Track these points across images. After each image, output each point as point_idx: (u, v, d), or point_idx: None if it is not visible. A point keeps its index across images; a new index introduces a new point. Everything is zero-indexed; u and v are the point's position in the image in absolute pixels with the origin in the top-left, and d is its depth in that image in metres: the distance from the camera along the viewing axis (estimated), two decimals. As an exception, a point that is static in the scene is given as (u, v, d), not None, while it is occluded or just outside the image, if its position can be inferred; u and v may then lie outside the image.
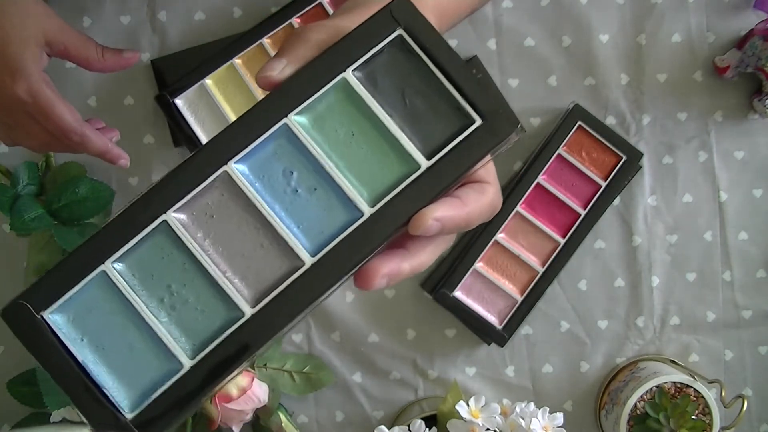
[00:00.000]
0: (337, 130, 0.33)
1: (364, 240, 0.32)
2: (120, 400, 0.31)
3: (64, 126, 0.53)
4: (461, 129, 0.33)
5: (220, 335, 0.31)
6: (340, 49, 0.33)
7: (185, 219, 0.32)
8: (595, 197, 0.69)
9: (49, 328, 0.32)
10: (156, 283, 0.32)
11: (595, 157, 0.69)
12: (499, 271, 0.69)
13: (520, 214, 0.69)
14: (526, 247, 0.69)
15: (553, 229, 0.69)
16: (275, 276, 0.32)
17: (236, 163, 0.32)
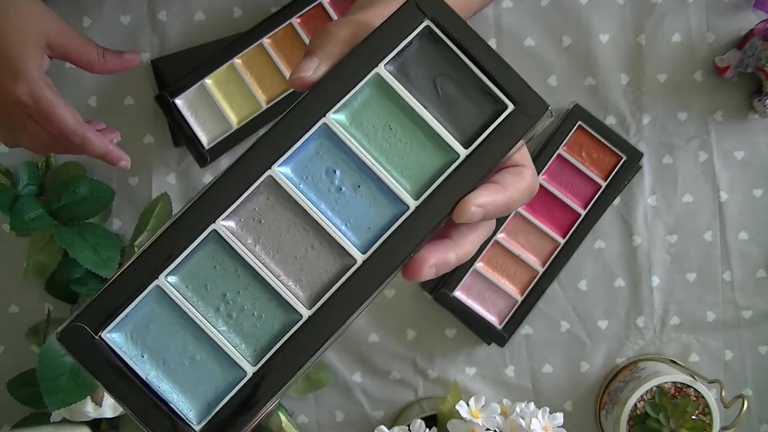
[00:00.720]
0: (375, 125, 0.34)
1: (412, 233, 0.33)
2: (187, 412, 0.31)
3: (65, 128, 0.53)
4: (495, 115, 0.34)
5: (279, 339, 0.32)
6: (369, 44, 0.33)
7: (234, 226, 0.32)
8: (595, 197, 0.69)
9: (108, 348, 0.31)
10: (211, 293, 0.32)
11: (595, 157, 0.69)
12: (499, 271, 0.69)
13: (520, 214, 0.69)
14: (526, 247, 0.69)
15: (553, 229, 0.69)
16: (329, 276, 0.33)
17: (279, 166, 0.32)
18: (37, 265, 0.66)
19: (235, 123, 0.68)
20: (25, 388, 0.67)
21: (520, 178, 0.35)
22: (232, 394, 0.31)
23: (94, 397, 0.62)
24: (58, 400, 0.60)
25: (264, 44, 0.68)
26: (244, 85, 0.68)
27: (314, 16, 0.68)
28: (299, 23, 0.68)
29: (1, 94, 0.52)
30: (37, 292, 0.69)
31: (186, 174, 0.71)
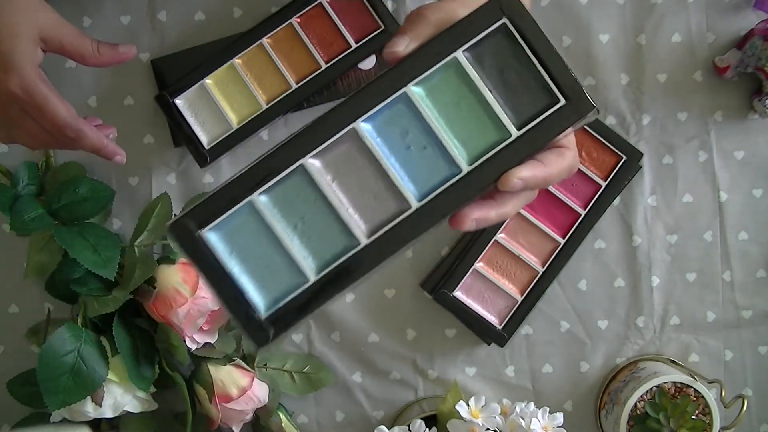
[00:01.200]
0: (447, 100, 0.40)
1: (460, 192, 0.39)
2: (257, 302, 0.39)
3: (59, 122, 0.53)
4: (548, 106, 0.40)
5: (339, 258, 0.39)
6: (454, 31, 0.40)
7: (318, 164, 0.39)
8: (595, 197, 0.69)
9: (204, 243, 0.38)
10: (292, 213, 0.39)
11: (595, 157, 0.69)
12: (500, 271, 0.69)
13: (520, 214, 0.69)
14: (526, 247, 0.69)
15: (553, 229, 0.69)
16: (387, 215, 0.39)
17: (363, 121, 0.39)
18: (37, 265, 0.66)
19: (235, 123, 0.68)
20: (25, 388, 0.67)
21: (561, 159, 0.40)
22: (293, 295, 0.39)
23: (94, 397, 0.62)
24: (58, 400, 0.60)
25: (264, 44, 0.68)
26: (244, 85, 0.68)
27: (314, 16, 0.68)
28: (299, 23, 0.68)
29: None
30: (37, 292, 0.69)
31: (186, 174, 0.71)
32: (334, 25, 0.68)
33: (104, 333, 0.64)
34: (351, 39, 0.68)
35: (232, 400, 0.64)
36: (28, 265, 0.66)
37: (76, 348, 0.61)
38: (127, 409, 0.64)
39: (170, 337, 0.63)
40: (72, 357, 0.61)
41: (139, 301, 0.65)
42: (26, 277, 0.66)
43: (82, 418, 0.63)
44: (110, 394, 0.62)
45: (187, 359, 0.64)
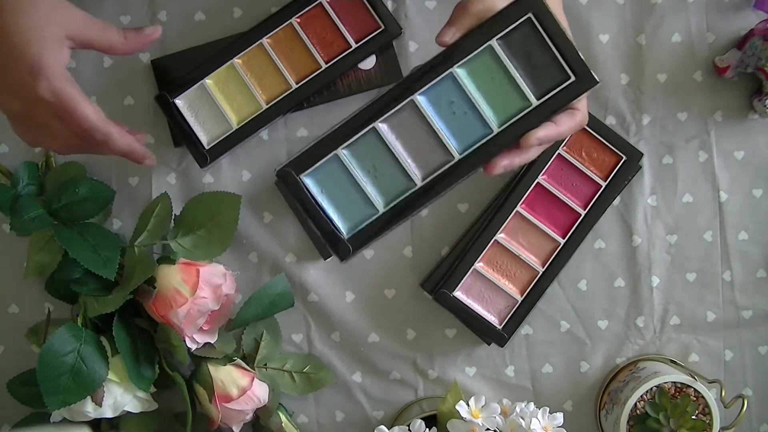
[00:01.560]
0: (483, 77, 0.53)
1: (492, 147, 0.53)
2: (341, 227, 0.54)
3: (88, 124, 0.52)
4: (561, 82, 0.52)
5: (401, 196, 0.54)
6: (489, 24, 0.52)
7: (386, 126, 0.53)
8: (595, 197, 0.69)
9: (303, 184, 0.53)
10: (366, 162, 0.54)
11: (595, 157, 0.69)
12: (499, 271, 0.69)
13: (520, 214, 0.69)
14: (526, 247, 0.69)
15: (553, 229, 0.69)
16: (436, 164, 0.54)
17: (419, 95, 0.53)
18: (37, 265, 0.66)
19: (235, 123, 0.68)
20: (25, 388, 0.67)
21: (571, 118, 0.53)
22: (367, 222, 0.54)
23: (94, 397, 0.62)
24: (58, 400, 0.60)
25: (264, 44, 0.68)
26: (244, 85, 0.68)
27: (314, 16, 0.68)
28: (299, 23, 0.68)
29: (23, 91, 0.51)
30: (37, 292, 0.69)
31: (186, 174, 0.71)
32: (334, 25, 0.68)
33: (104, 333, 0.64)
34: (351, 39, 0.68)
35: (232, 400, 0.64)
36: (28, 265, 0.66)
37: (76, 348, 0.61)
38: (127, 409, 0.64)
39: (170, 337, 0.63)
40: (72, 357, 0.61)
41: (139, 301, 0.65)
42: (26, 277, 0.66)
43: (82, 418, 0.63)
44: (110, 394, 0.62)
45: (187, 359, 0.64)
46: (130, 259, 0.66)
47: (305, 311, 0.71)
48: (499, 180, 0.71)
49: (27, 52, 0.50)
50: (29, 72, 0.50)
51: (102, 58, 0.70)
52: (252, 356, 0.69)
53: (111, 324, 0.63)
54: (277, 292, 0.69)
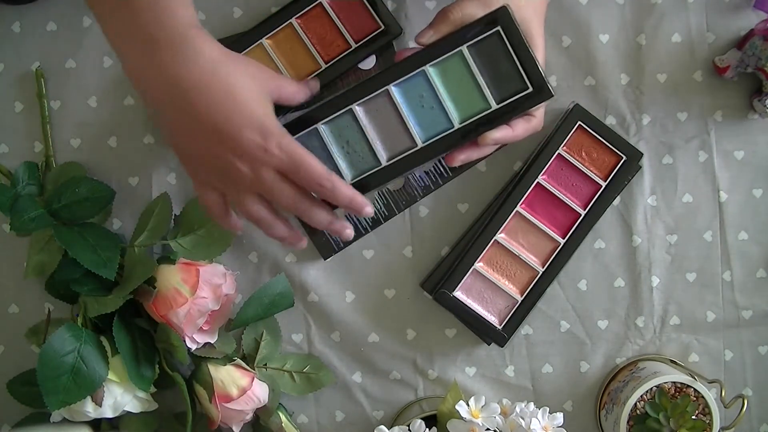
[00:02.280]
0: (451, 78, 0.58)
1: (452, 140, 0.59)
2: None
3: (316, 173, 0.52)
4: (519, 91, 0.58)
5: (367, 172, 0.59)
6: (462, 32, 0.58)
7: (361, 110, 0.59)
8: (595, 197, 0.69)
9: None
10: (341, 138, 0.59)
11: (595, 157, 0.69)
12: (499, 271, 0.69)
13: (520, 214, 0.69)
14: (526, 247, 0.69)
15: (553, 229, 0.69)
16: (401, 148, 0.59)
17: (394, 86, 0.58)
18: (37, 265, 0.66)
19: (235, 123, 0.67)
20: (25, 388, 0.67)
21: (527, 123, 0.59)
22: None
23: (94, 397, 0.62)
24: (58, 400, 0.60)
25: (264, 44, 0.68)
26: (244, 85, 0.67)
27: (314, 16, 0.68)
28: (299, 23, 0.68)
29: (255, 152, 0.51)
30: (37, 292, 0.69)
31: (186, 174, 0.70)
32: (334, 25, 0.68)
33: (104, 333, 0.64)
34: (351, 39, 0.68)
35: (232, 400, 0.64)
36: (28, 265, 0.66)
37: (76, 348, 0.61)
38: (127, 409, 0.64)
39: (170, 337, 0.63)
40: (72, 357, 0.61)
41: (139, 301, 0.65)
42: (26, 277, 0.66)
43: (82, 418, 0.63)
44: (110, 394, 0.63)
45: (187, 359, 0.64)
46: (130, 259, 0.66)
47: (305, 311, 0.71)
48: (499, 180, 0.71)
49: (255, 113, 0.51)
50: (259, 132, 0.51)
51: (102, 58, 0.70)
52: (252, 356, 0.69)
53: (111, 324, 0.63)
54: (277, 292, 0.69)
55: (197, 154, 0.53)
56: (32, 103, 0.70)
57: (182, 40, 0.50)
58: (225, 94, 0.50)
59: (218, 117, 0.50)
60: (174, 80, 0.50)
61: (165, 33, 0.50)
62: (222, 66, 0.51)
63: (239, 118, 0.51)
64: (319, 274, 0.71)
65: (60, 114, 0.70)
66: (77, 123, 0.70)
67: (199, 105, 0.50)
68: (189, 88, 0.50)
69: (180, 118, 0.51)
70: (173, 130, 0.53)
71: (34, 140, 0.70)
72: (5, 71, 0.70)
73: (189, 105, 0.50)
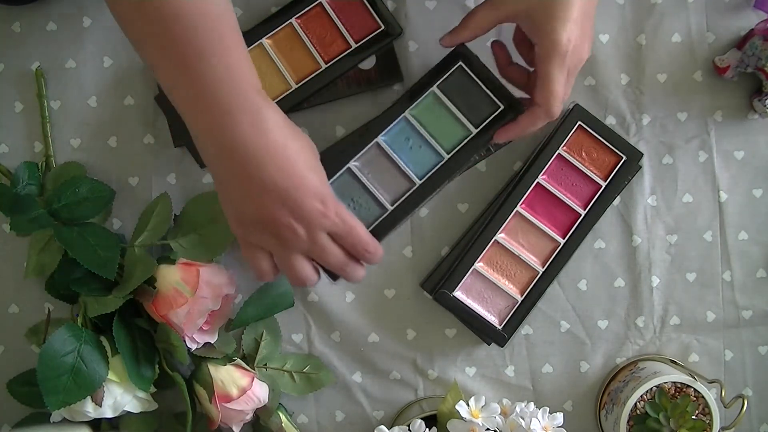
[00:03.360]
0: (430, 116, 0.65)
1: (445, 170, 0.65)
2: None
3: (363, 240, 0.57)
4: (493, 111, 0.65)
5: (377, 221, 0.64)
6: (430, 75, 0.66)
7: (358, 165, 0.64)
8: (595, 197, 0.69)
9: None
10: (346, 197, 0.64)
11: (595, 157, 0.69)
12: (499, 271, 0.69)
13: (520, 214, 0.69)
14: (526, 247, 0.69)
15: (553, 229, 0.69)
16: (401, 190, 0.65)
17: (381, 137, 0.65)
18: (37, 265, 0.66)
19: (235, 123, 0.67)
20: (25, 388, 0.67)
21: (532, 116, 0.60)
22: None
23: (94, 397, 0.62)
24: (58, 400, 0.60)
25: (264, 44, 0.68)
26: (244, 85, 0.67)
27: (314, 16, 0.68)
28: (299, 23, 0.68)
29: (314, 217, 0.54)
30: (37, 292, 0.69)
31: (186, 174, 0.71)
32: (334, 25, 0.68)
33: (104, 333, 0.64)
34: (351, 39, 0.68)
35: (232, 400, 0.64)
36: (28, 265, 0.66)
37: (76, 348, 0.61)
38: (127, 409, 0.64)
39: (170, 337, 0.63)
40: (72, 357, 0.61)
41: (139, 301, 0.65)
42: (26, 277, 0.66)
43: (82, 418, 0.63)
44: (110, 394, 0.63)
45: (187, 359, 0.64)
46: (130, 259, 0.66)
47: (305, 311, 0.71)
48: (499, 180, 0.71)
49: (314, 182, 0.54)
50: (320, 200, 0.54)
51: (102, 58, 0.70)
52: (252, 356, 0.69)
53: (111, 324, 0.63)
54: (277, 292, 0.69)
55: (256, 217, 0.55)
56: (32, 103, 0.70)
57: (256, 109, 0.53)
58: (293, 163, 0.54)
59: (287, 183, 0.53)
60: (246, 147, 0.52)
61: (239, 101, 0.52)
62: (290, 138, 0.54)
63: (305, 186, 0.54)
64: (319, 274, 0.71)
65: (60, 114, 0.70)
66: (77, 123, 0.70)
67: (270, 171, 0.53)
68: (262, 155, 0.53)
69: (246, 182, 0.53)
70: (233, 194, 0.55)
71: (34, 140, 0.70)
72: (5, 71, 0.70)
73: (258, 170, 0.53)
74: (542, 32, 0.57)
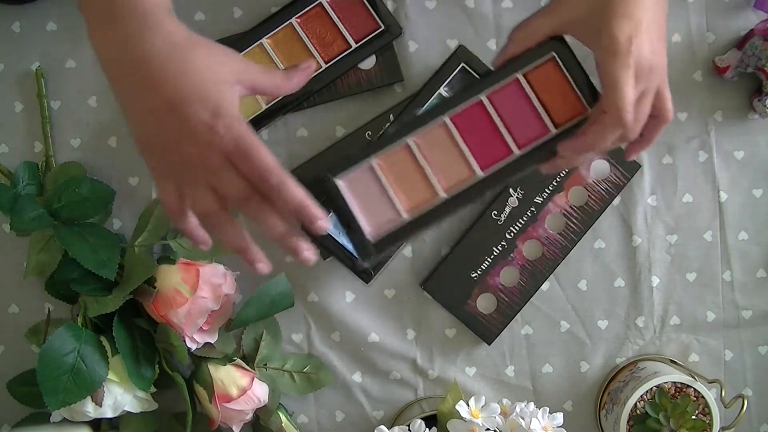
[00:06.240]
0: None
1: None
2: None
3: (265, 165, 0.48)
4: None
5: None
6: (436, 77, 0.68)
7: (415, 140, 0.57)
8: (537, 142, 0.57)
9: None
10: None
11: (556, 102, 0.57)
12: (396, 179, 0.57)
13: (446, 127, 0.57)
14: (436, 164, 0.57)
15: (475, 157, 0.57)
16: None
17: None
18: (37, 265, 0.66)
19: (235, 123, 0.67)
20: (25, 388, 0.67)
21: (599, 123, 0.52)
22: None
23: (94, 397, 0.62)
24: (58, 400, 0.60)
25: (264, 44, 0.68)
26: (244, 85, 0.67)
27: (314, 16, 0.68)
28: (299, 23, 0.68)
29: (201, 134, 0.48)
30: (37, 292, 0.69)
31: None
32: (334, 25, 0.68)
33: (104, 333, 0.64)
34: (351, 39, 0.68)
35: (232, 400, 0.64)
36: (28, 265, 0.66)
37: (76, 348, 0.61)
38: (127, 409, 0.64)
39: (170, 337, 0.63)
40: (72, 357, 0.61)
41: (139, 301, 0.65)
42: (26, 277, 0.66)
43: (82, 418, 0.63)
44: (110, 394, 0.63)
45: (187, 359, 0.64)
46: (130, 259, 0.66)
47: (305, 311, 0.71)
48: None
49: (209, 92, 0.48)
50: (210, 111, 0.48)
51: (102, 58, 0.70)
52: (252, 356, 0.69)
53: (111, 324, 0.63)
54: (277, 292, 0.69)
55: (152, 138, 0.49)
56: (32, 103, 0.70)
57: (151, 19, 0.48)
58: (181, 73, 0.48)
59: (169, 91, 0.48)
60: (132, 54, 0.48)
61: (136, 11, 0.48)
62: (183, 47, 0.49)
63: (191, 93, 0.48)
64: (319, 274, 0.71)
65: (60, 114, 0.70)
66: (77, 123, 0.70)
67: (154, 79, 0.48)
68: (146, 62, 0.48)
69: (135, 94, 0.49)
70: (132, 113, 0.50)
71: (34, 140, 0.70)
72: (5, 71, 0.70)
73: (144, 80, 0.48)
74: (601, 33, 0.51)
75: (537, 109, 0.57)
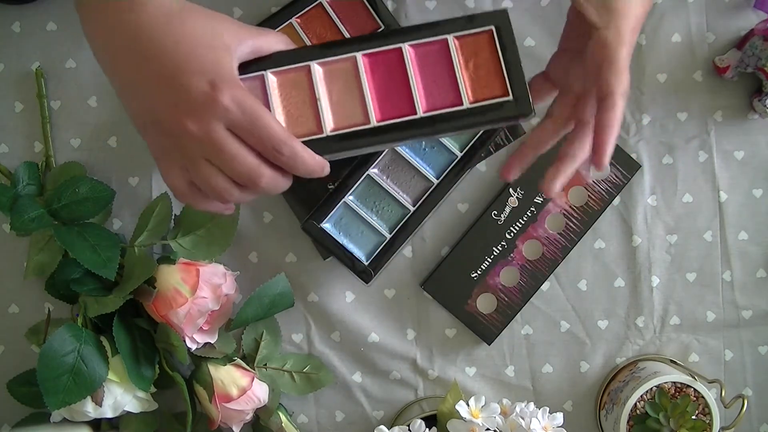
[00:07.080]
0: None
1: (461, 167, 0.66)
2: (360, 257, 0.66)
3: (272, 135, 0.45)
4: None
5: (401, 221, 0.66)
6: None
7: (377, 170, 0.66)
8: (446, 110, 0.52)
9: (324, 230, 0.65)
10: (369, 202, 0.66)
11: (480, 76, 0.52)
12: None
13: (356, 63, 0.52)
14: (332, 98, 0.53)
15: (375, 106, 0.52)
16: (421, 190, 0.66)
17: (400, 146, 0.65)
18: (37, 265, 0.66)
19: (235, 123, 0.67)
20: (25, 388, 0.67)
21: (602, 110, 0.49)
22: (379, 248, 0.66)
23: (94, 397, 0.62)
24: (58, 400, 0.60)
25: (264, 44, 0.68)
26: (244, 85, 0.67)
27: (314, 16, 0.68)
28: (299, 23, 0.68)
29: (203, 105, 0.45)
30: (37, 292, 0.69)
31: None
32: (334, 25, 0.68)
33: (104, 333, 0.64)
34: (351, 39, 0.68)
35: (232, 400, 0.64)
36: (28, 265, 0.66)
37: (76, 348, 0.61)
38: (127, 409, 0.64)
39: (170, 337, 0.63)
40: (72, 357, 0.61)
41: (139, 301, 0.65)
42: (26, 277, 0.66)
43: (82, 418, 0.63)
44: (110, 394, 0.63)
45: (187, 359, 0.64)
46: (130, 259, 0.66)
47: (305, 311, 0.71)
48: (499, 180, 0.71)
49: (203, 60, 0.45)
50: (209, 81, 0.45)
51: (102, 58, 0.70)
52: (252, 356, 0.69)
53: (111, 324, 0.63)
54: (277, 292, 0.69)
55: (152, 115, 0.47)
56: (32, 103, 0.70)
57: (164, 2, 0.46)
58: (175, 42, 0.45)
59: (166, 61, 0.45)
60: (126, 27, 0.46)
61: None
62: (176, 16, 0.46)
63: (186, 63, 0.45)
64: (319, 274, 0.71)
65: (60, 114, 0.70)
66: (77, 123, 0.70)
67: (149, 50, 0.45)
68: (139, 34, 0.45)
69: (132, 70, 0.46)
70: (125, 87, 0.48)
71: (34, 140, 0.70)
72: (5, 71, 0.70)
73: (139, 53, 0.45)
74: None
75: (457, 78, 0.51)
